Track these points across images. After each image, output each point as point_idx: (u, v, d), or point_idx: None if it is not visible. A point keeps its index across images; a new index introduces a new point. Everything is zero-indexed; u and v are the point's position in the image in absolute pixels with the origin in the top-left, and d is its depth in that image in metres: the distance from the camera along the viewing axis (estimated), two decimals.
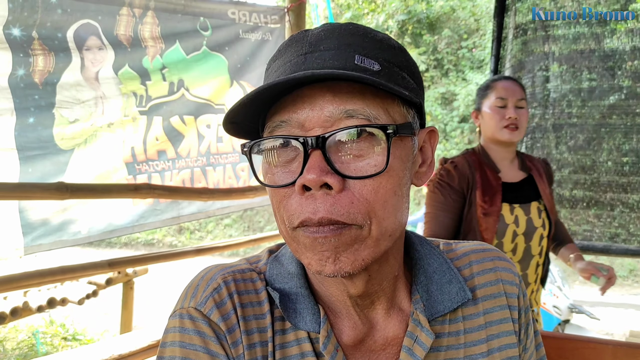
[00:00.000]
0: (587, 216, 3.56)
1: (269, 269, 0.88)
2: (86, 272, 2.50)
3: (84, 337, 5.73)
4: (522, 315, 0.93)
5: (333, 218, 0.70)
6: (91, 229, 2.80)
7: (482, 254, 0.94)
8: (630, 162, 3.35)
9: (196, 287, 0.83)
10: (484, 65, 11.79)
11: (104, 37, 2.72)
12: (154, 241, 12.68)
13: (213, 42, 3.30)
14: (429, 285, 0.88)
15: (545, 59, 3.47)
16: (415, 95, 0.79)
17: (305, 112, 0.73)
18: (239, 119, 0.78)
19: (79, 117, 2.66)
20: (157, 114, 3.05)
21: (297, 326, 0.81)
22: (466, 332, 0.88)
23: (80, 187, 2.44)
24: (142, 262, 2.91)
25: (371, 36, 0.78)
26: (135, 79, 2.90)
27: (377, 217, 0.73)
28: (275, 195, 0.77)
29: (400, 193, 0.76)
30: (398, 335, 0.85)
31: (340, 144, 0.72)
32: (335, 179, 0.71)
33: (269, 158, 0.77)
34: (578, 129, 3.44)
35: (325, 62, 0.73)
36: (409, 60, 0.81)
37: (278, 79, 0.71)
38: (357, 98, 0.72)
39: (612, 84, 3.30)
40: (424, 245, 0.93)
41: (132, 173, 2.98)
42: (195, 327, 0.79)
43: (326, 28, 0.78)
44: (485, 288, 0.91)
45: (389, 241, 0.76)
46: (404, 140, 0.77)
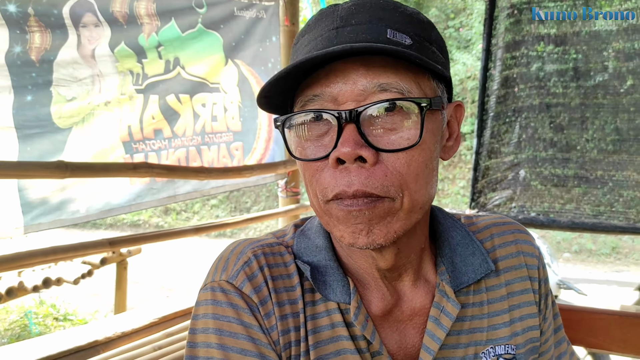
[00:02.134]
0: (575, 194, 3.62)
1: (297, 243, 0.90)
2: (87, 251, 2.49)
3: (75, 318, 5.73)
4: (542, 285, 0.96)
5: (367, 191, 0.72)
6: (89, 208, 2.79)
7: (503, 227, 0.97)
8: (614, 141, 3.41)
9: (227, 261, 0.84)
10: (471, 44, 11.79)
11: (100, 13, 2.69)
12: (140, 222, 12.61)
13: (208, 19, 3.27)
14: (454, 257, 0.90)
15: (537, 40, 3.50)
16: (445, 69, 0.81)
17: (338, 86, 0.74)
18: (272, 94, 0.78)
19: (76, 95, 2.63)
20: (153, 92, 3.03)
21: (328, 297, 0.83)
22: (489, 302, 0.90)
23: (79, 165, 2.43)
24: (141, 240, 2.92)
25: (401, 10, 0.78)
26: (131, 56, 2.87)
27: (409, 190, 0.74)
28: (308, 169, 0.78)
29: (431, 166, 0.78)
30: (425, 306, 0.88)
31: (374, 117, 0.73)
32: (369, 152, 0.72)
33: (300, 132, 0.78)
34: (564, 108, 3.48)
35: (358, 36, 0.73)
36: (437, 35, 0.82)
37: (316, 52, 0.71)
38: (390, 72, 0.73)
39: (598, 64, 3.34)
40: (447, 219, 0.96)
41: (129, 152, 2.96)
42: (227, 300, 0.80)
43: (356, 2, 0.78)
44: (507, 260, 0.94)
45: (419, 214, 0.78)
46: (435, 114, 0.78)
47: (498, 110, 3.54)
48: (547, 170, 3.56)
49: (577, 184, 3.57)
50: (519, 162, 3.55)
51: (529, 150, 3.54)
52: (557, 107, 3.51)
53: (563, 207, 3.61)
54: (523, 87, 3.53)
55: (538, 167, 3.60)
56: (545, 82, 3.50)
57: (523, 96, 3.54)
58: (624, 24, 3.19)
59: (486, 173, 3.59)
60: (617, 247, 9.34)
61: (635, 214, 3.49)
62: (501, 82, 3.54)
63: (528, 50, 3.52)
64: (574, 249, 9.48)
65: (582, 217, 3.61)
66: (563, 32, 3.42)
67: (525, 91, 3.55)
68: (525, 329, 0.92)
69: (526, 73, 3.55)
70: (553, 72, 3.49)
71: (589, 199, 3.59)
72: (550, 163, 3.56)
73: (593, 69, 3.38)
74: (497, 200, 3.63)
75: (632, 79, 3.28)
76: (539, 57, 3.49)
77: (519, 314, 0.92)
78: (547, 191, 3.55)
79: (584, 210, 3.60)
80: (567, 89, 3.47)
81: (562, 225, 3.45)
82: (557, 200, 3.60)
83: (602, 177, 3.54)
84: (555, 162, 3.57)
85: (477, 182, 3.60)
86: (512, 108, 3.59)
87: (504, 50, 3.54)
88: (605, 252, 9.25)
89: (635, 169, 3.40)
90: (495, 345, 0.89)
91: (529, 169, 3.58)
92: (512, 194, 3.58)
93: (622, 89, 3.31)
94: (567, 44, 3.42)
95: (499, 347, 0.89)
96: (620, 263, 9.03)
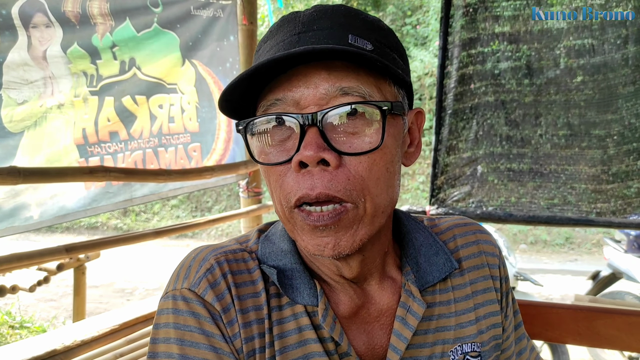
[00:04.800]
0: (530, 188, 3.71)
1: (261, 248, 0.89)
2: (43, 259, 2.42)
3: (32, 325, 5.55)
4: (503, 284, 0.98)
5: (330, 194, 0.72)
6: (43, 214, 2.70)
7: (465, 228, 0.99)
8: (566, 136, 3.52)
9: (188, 268, 0.83)
10: (428, 41, 11.95)
11: (51, 13, 2.60)
12: (97, 224, 12.32)
13: (164, 19, 3.21)
14: (418, 258, 0.91)
15: (491, 38, 3.57)
16: (405, 75, 0.82)
17: (300, 90, 0.74)
18: (234, 97, 0.78)
19: (27, 98, 2.54)
20: (108, 94, 2.96)
21: (295, 300, 0.83)
22: (456, 301, 0.92)
23: (33, 171, 2.35)
24: (100, 246, 2.84)
25: (363, 17, 0.79)
26: (85, 57, 2.80)
27: (370, 194, 0.75)
28: (271, 174, 0.78)
29: (393, 170, 0.78)
30: (391, 306, 0.89)
31: (336, 121, 0.74)
32: (332, 155, 0.72)
33: (263, 137, 0.78)
34: (519, 104, 3.57)
35: (320, 41, 0.74)
36: (397, 42, 0.84)
37: (278, 54, 0.71)
38: (352, 76, 0.74)
39: (550, 60, 3.44)
40: (410, 221, 0.97)
41: (84, 155, 2.89)
42: (189, 309, 0.79)
43: (318, 9, 0.79)
44: (470, 260, 0.96)
45: (382, 218, 0.79)
46: (396, 119, 0.79)
47: (455, 107, 3.60)
48: (503, 165, 3.64)
49: (531, 178, 3.67)
50: (477, 158, 3.63)
51: (486, 146, 3.62)
52: (512, 104, 3.59)
53: (518, 200, 3.70)
54: (479, 85, 3.60)
55: (494, 163, 3.68)
56: (500, 80, 3.58)
57: (479, 93, 3.61)
58: (574, 22, 3.29)
59: (445, 170, 3.65)
60: (570, 237, 9.65)
61: (587, 206, 3.60)
62: (458, 79, 3.61)
63: (483, 47, 3.59)
64: (529, 240, 9.75)
65: (537, 210, 3.71)
66: (516, 30, 3.51)
67: (482, 88, 3.62)
68: (489, 327, 0.94)
69: (482, 70, 3.61)
70: (507, 69, 3.57)
71: (543, 193, 3.69)
72: (506, 158, 3.64)
73: (545, 65, 3.48)
74: (456, 196, 3.70)
75: (582, 75, 3.38)
76: (494, 54, 3.57)
77: (483, 312, 0.94)
78: (504, 186, 3.64)
79: (539, 204, 3.70)
80: (521, 86, 3.56)
81: (519, 219, 3.53)
82: (513, 194, 3.68)
83: (555, 171, 3.65)
84: (510, 158, 3.65)
85: (436, 179, 3.66)
86: (469, 105, 3.66)
87: (460, 49, 3.60)
88: (559, 243, 9.55)
89: (586, 163, 3.51)
90: (462, 344, 0.91)
91: (486, 165, 3.66)
92: (470, 189, 3.66)
93: (572, 85, 3.42)
94: (520, 41, 3.50)
95: (466, 345, 0.91)
96: (573, 253, 9.34)
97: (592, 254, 9.11)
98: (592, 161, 3.50)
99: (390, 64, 0.76)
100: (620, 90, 3.18)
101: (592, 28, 3.20)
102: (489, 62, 3.61)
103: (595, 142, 3.40)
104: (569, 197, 3.64)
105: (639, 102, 3.15)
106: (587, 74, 3.37)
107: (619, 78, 3.18)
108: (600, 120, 3.37)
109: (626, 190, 3.38)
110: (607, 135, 3.31)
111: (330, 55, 0.72)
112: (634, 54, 3.07)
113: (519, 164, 3.68)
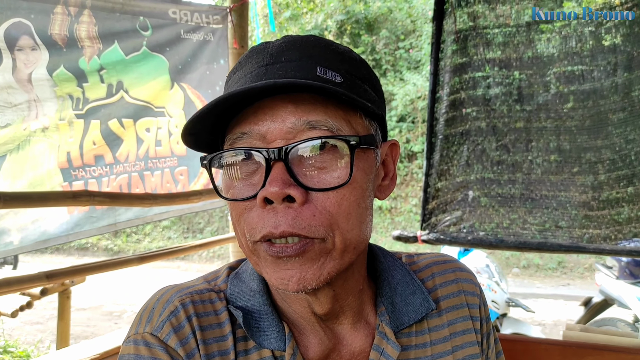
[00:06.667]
0: (522, 214, 3.69)
1: (230, 287, 0.86)
2: (23, 286, 2.36)
3: (16, 350, 5.44)
4: (484, 325, 0.94)
5: (294, 232, 0.69)
6: (24, 239, 2.65)
7: (444, 266, 0.95)
8: (557, 161, 3.51)
9: (151, 311, 0.79)
10: (421, 65, 12.05)
11: (37, 36, 2.58)
12: (88, 245, 12.23)
13: (153, 42, 3.19)
14: (394, 297, 0.88)
15: (482, 64, 3.58)
16: (377, 107, 0.79)
17: (266, 124, 0.72)
18: (197, 130, 0.75)
19: (10, 121, 2.51)
20: (94, 117, 2.93)
21: (262, 345, 0.79)
22: (432, 344, 0.88)
23: (14, 195, 2.30)
24: (82, 272, 2.78)
25: (332, 48, 0.77)
26: (71, 80, 2.77)
27: (340, 229, 0.72)
28: (236, 208, 0.75)
29: (364, 205, 0.76)
30: (365, 349, 0.85)
31: (303, 156, 0.71)
32: (298, 191, 0.69)
33: (229, 171, 0.75)
34: (510, 129, 3.57)
35: (287, 73, 0.72)
36: (370, 73, 0.81)
37: (240, 88, 0.69)
38: (320, 109, 0.72)
39: (540, 86, 3.44)
40: (387, 258, 0.93)
41: (68, 179, 2.84)
42: (151, 355, 0.75)
43: (287, 40, 0.77)
44: (449, 299, 0.92)
45: (353, 254, 0.75)
46: (367, 153, 0.77)
47: (447, 132, 3.60)
48: (495, 190, 3.62)
49: (523, 203, 3.65)
50: (468, 183, 3.61)
51: (477, 171, 3.61)
52: (503, 129, 3.59)
53: (510, 226, 3.68)
54: (470, 110, 3.60)
55: (486, 188, 3.66)
56: (491, 105, 3.58)
57: (470, 118, 3.61)
58: (564, 49, 3.30)
59: (436, 194, 3.63)
60: (563, 261, 9.63)
61: (578, 232, 3.58)
62: (449, 104, 3.61)
63: (474, 73, 3.60)
64: (522, 264, 9.72)
65: (529, 235, 3.68)
66: (507, 55, 3.52)
67: (473, 113, 3.61)
68: None
69: (473, 95, 3.62)
70: (498, 95, 3.57)
71: (534, 218, 3.67)
72: (497, 184, 3.62)
73: (536, 91, 3.49)
74: (447, 221, 3.67)
75: (572, 101, 3.38)
76: (485, 79, 3.57)
77: (462, 355, 0.90)
78: (495, 211, 3.61)
79: (531, 229, 3.67)
80: (512, 111, 3.57)
81: (510, 246, 3.50)
82: (505, 219, 3.66)
83: (546, 196, 3.63)
84: (502, 183, 3.64)
85: (427, 204, 3.63)
86: (460, 130, 3.65)
87: (451, 74, 3.61)
88: (551, 267, 9.52)
89: (577, 189, 3.50)
90: None
91: (478, 190, 3.64)
92: (462, 214, 3.63)
93: (563, 111, 3.42)
94: (511, 67, 3.51)
95: None
96: (566, 277, 9.31)
97: (585, 278, 9.08)
98: (583, 187, 3.48)
99: (360, 97, 0.74)
100: (610, 117, 3.18)
101: (582, 54, 3.22)
102: (480, 88, 3.62)
103: (586, 168, 3.39)
104: (560, 222, 3.62)
105: (629, 129, 3.14)
106: (577, 100, 3.37)
107: (609, 105, 3.18)
108: (591, 146, 3.37)
109: (617, 217, 3.36)
110: (598, 161, 3.30)
111: (296, 88, 0.69)
112: (623, 81, 3.07)
113: (510, 189, 3.66)
